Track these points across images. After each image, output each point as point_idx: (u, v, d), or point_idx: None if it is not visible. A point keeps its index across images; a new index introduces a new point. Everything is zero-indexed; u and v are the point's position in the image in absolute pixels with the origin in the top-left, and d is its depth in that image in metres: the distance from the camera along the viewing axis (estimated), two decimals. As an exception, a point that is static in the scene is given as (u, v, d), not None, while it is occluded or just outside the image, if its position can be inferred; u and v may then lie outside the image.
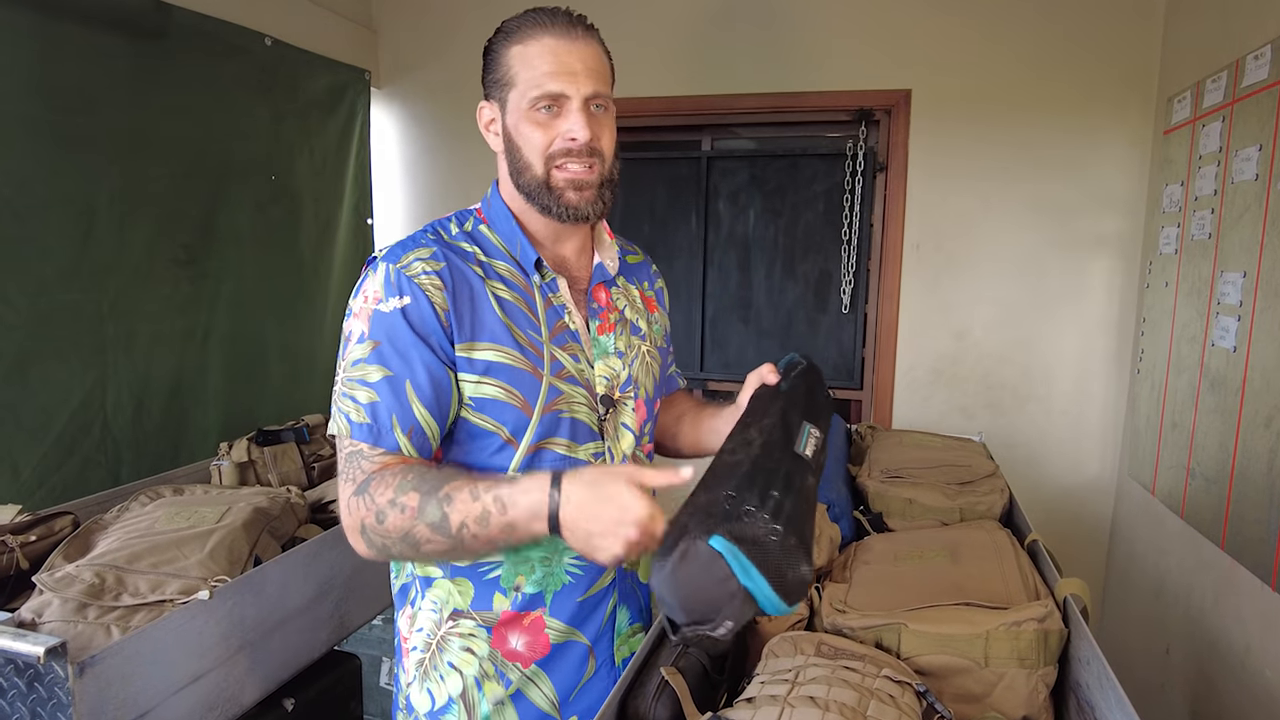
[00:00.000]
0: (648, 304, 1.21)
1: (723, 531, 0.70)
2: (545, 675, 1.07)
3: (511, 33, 1.00)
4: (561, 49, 0.98)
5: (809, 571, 0.73)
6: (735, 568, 0.68)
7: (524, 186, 1.03)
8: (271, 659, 1.40)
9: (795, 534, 0.74)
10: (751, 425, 0.96)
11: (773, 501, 0.76)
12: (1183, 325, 2.07)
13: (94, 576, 1.24)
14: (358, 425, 0.93)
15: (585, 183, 1.01)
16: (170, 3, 2.16)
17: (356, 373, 0.94)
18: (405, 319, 0.94)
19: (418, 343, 0.94)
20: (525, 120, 1.00)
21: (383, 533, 0.89)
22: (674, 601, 0.72)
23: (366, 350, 0.94)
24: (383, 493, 0.89)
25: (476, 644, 1.04)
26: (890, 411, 2.79)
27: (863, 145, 2.72)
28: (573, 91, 0.98)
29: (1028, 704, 1.07)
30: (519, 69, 0.99)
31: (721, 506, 0.73)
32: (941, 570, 1.29)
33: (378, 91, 3.11)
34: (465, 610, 1.04)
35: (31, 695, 1.06)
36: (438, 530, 0.87)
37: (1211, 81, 1.98)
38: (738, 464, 0.85)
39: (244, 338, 2.48)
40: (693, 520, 0.72)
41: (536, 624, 1.05)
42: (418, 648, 1.07)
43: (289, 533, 1.59)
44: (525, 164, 1.01)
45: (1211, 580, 1.88)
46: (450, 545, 0.88)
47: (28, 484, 1.84)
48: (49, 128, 1.89)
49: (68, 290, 1.95)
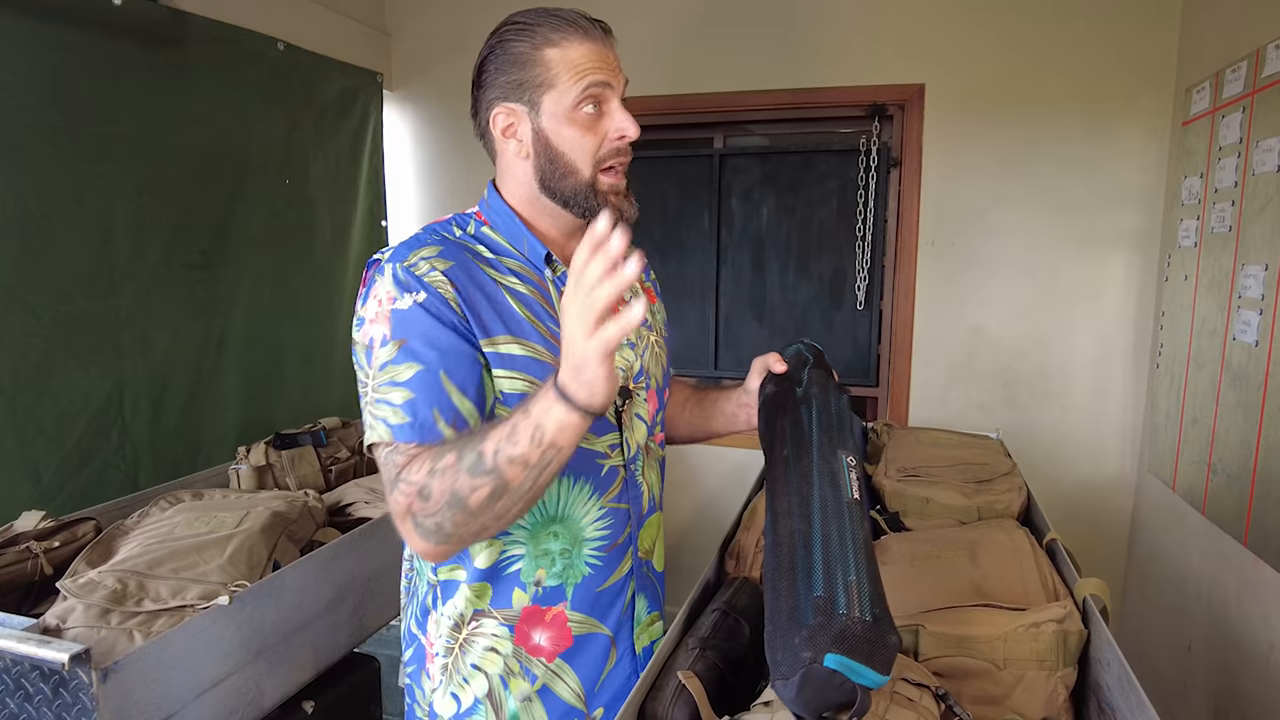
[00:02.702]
0: (648, 294, 1.21)
1: (834, 649, 0.76)
2: (570, 668, 1.07)
3: (538, 33, 0.98)
4: (598, 52, 0.98)
5: (897, 641, 0.79)
6: (849, 675, 0.76)
7: (563, 192, 1.01)
8: (291, 662, 1.41)
9: (879, 608, 0.81)
10: (791, 470, 0.97)
11: (856, 590, 0.81)
12: (1203, 319, 2.05)
13: (116, 582, 1.26)
14: (398, 427, 0.90)
15: (620, 187, 1.03)
16: (185, 11, 2.18)
17: (386, 375, 0.91)
18: (428, 312, 0.92)
19: (444, 331, 0.92)
20: (568, 123, 0.98)
21: (431, 510, 0.85)
22: (802, 712, 0.79)
23: (393, 351, 0.92)
24: (419, 470, 0.86)
25: (500, 643, 1.04)
26: (907, 409, 2.77)
27: (876, 141, 2.70)
28: (616, 84, 0.99)
29: (1047, 706, 1.06)
30: (560, 70, 0.97)
31: (818, 617, 0.79)
32: (960, 571, 1.28)
33: (390, 94, 3.12)
34: (486, 610, 1.04)
35: (57, 701, 1.07)
36: (476, 471, 0.83)
37: (1231, 72, 1.95)
38: (807, 544, 0.87)
39: (260, 341, 2.50)
40: (802, 640, 0.78)
41: (559, 618, 1.05)
42: (440, 653, 1.06)
43: (307, 536, 1.60)
44: (569, 169, 1.00)
45: (1234, 576, 1.86)
46: (493, 483, 0.83)
47: (48, 488, 1.87)
48: (68, 137, 1.91)
49: (86, 296, 1.97)
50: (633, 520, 1.10)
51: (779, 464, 1.00)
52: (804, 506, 0.92)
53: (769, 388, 1.14)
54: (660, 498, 1.18)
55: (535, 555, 1.03)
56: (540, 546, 1.03)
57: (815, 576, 0.83)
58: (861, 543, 0.87)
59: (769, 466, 1.03)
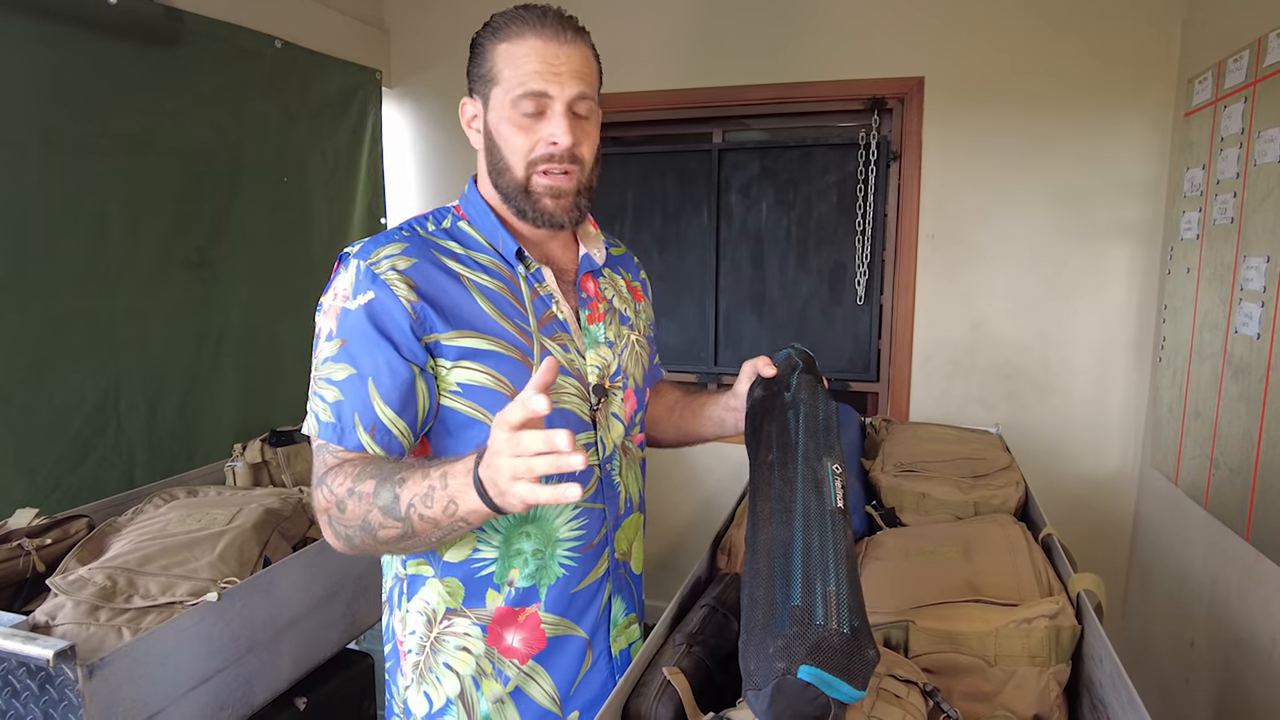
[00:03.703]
0: (634, 294, 1.21)
1: (809, 660, 0.75)
2: (544, 670, 1.06)
3: (499, 29, 0.98)
4: (549, 51, 0.96)
5: (875, 655, 0.78)
6: (823, 688, 0.75)
7: (502, 188, 1.02)
8: (283, 659, 1.41)
9: (859, 619, 0.79)
10: (775, 476, 0.96)
11: (835, 600, 0.80)
12: (1205, 312, 2.03)
13: (106, 579, 1.26)
14: (324, 425, 0.93)
15: (562, 190, 1.01)
16: (182, 9, 2.18)
17: (324, 371, 0.95)
18: (369, 316, 0.93)
19: (380, 340, 0.93)
20: (507, 121, 0.98)
21: (345, 521, 0.89)
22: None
23: (334, 348, 0.94)
24: (341, 482, 0.89)
25: (472, 643, 1.03)
26: (907, 404, 2.76)
27: (875, 134, 2.68)
28: (556, 93, 0.96)
29: (1039, 702, 1.05)
30: (504, 67, 0.97)
31: (794, 627, 0.77)
32: (953, 566, 1.26)
33: (389, 91, 3.12)
34: (458, 609, 1.03)
35: (44, 697, 1.07)
36: (389, 514, 0.86)
37: (1233, 61, 1.93)
38: (786, 551, 0.86)
39: (257, 339, 2.50)
40: (777, 650, 0.77)
41: (532, 619, 1.04)
42: (412, 650, 1.06)
43: (300, 533, 1.60)
44: (505, 166, 1.01)
45: (1236, 572, 1.84)
46: (402, 528, 0.86)
47: (43, 486, 1.87)
48: (64, 136, 1.91)
49: (82, 294, 1.97)
50: (609, 521, 1.09)
51: (763, 469, 0.98)
52: (786, 513, 0.90)
53: (757, 392, 1.12)
54: (640, 499, 1.17)
55: (508, 555, 1.02)
56: (512, 547, 1.02)
57: (794, 585, 0.82)
58: (844, 552, 0.86)
59: (753, 471, 1.01)
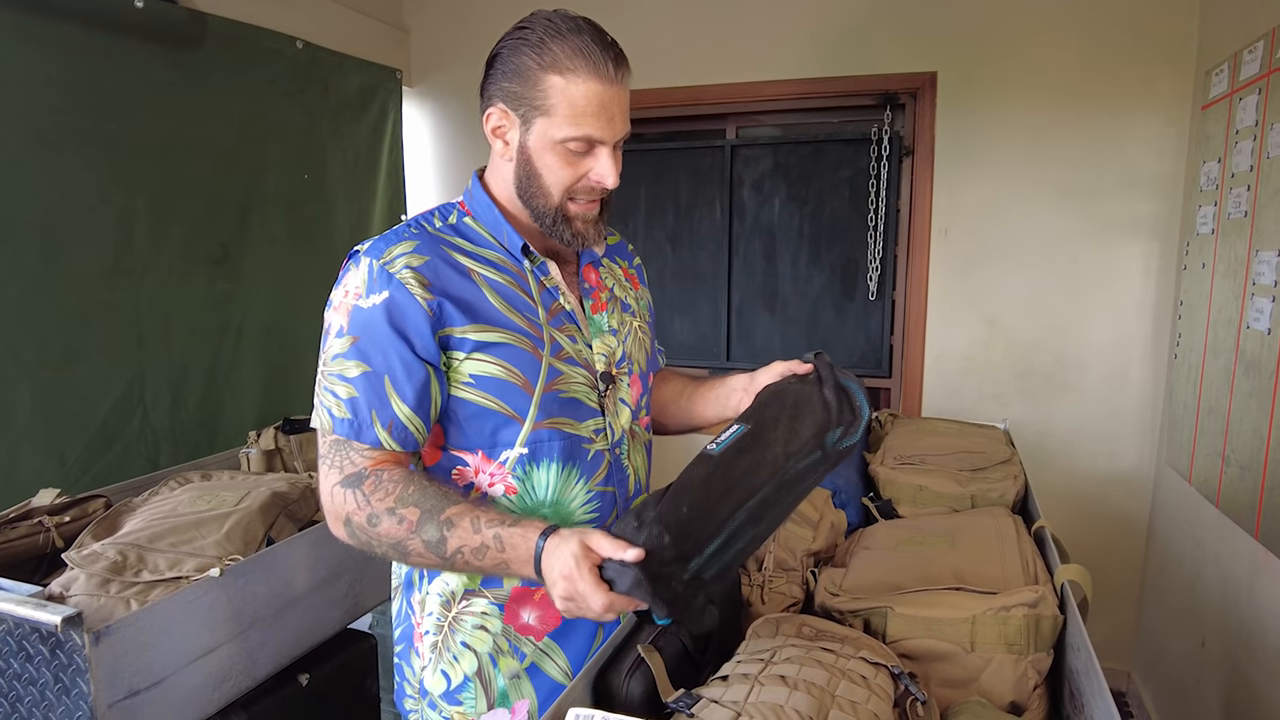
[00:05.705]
0: (631, 281, 1.24)
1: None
2: (558, 647, 1.10)
3: (552, 57, 0.96)
4: (607, 94, 0.97)
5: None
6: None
7: (534, 208, 1.04)
8: (285, 635, 1.46)
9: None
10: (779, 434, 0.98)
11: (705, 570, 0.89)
12: (1219, 307, 1.99)
13: (117, 554, 1.32)
14: (339, 420, 0.96)
15: (594, 215, 1.06)
16: (205, 12, 2.26)
17: (336, 367, 0.97)
18: (385, 315, 0.96)
19: (396, 339, 0.96)
20: (553, 152, 0.99)
21: (372, 534, 0.93)
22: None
23: (346, 345, 0.97)
24: (381, 499, 0.92)
25: (489, 621, 1.07)
26: (920, 400, 2.74)
27: (888, 130, 2.67)
28: (609, 137, 0.99)
29: (1016, 690, 1.05)
30: (558, 101, 0.96)
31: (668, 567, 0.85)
32: (939, 555, 1.27)
33: (409, 90, 3.18)
34: (476, 589, 1.07)
35: (54, 661, 1.13)
36: (432, 549, 0.91)
37: (1248, 52, 1.90)
38: (711, 498, 0.90)
39: (277, 333, 2.57)
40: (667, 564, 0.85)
41: (546, 598, 1.06)
42: (430, 631, 1.09)
43: (307, 516, 1.65)
44: (542, 190, 1.02)
45: (1246, 571, 1.81)
46: (439, 563, 0.93)
47: (72, 470, 1.95)
48: (93, 135, 1.99)
49: (110, 288, 2.05)
50: (619, 503, 1.13)
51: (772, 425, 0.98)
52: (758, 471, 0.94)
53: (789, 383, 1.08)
54: (647, 481, 1.21)
55: None
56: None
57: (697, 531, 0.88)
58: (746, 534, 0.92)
59: (754, 417, 1.00)
